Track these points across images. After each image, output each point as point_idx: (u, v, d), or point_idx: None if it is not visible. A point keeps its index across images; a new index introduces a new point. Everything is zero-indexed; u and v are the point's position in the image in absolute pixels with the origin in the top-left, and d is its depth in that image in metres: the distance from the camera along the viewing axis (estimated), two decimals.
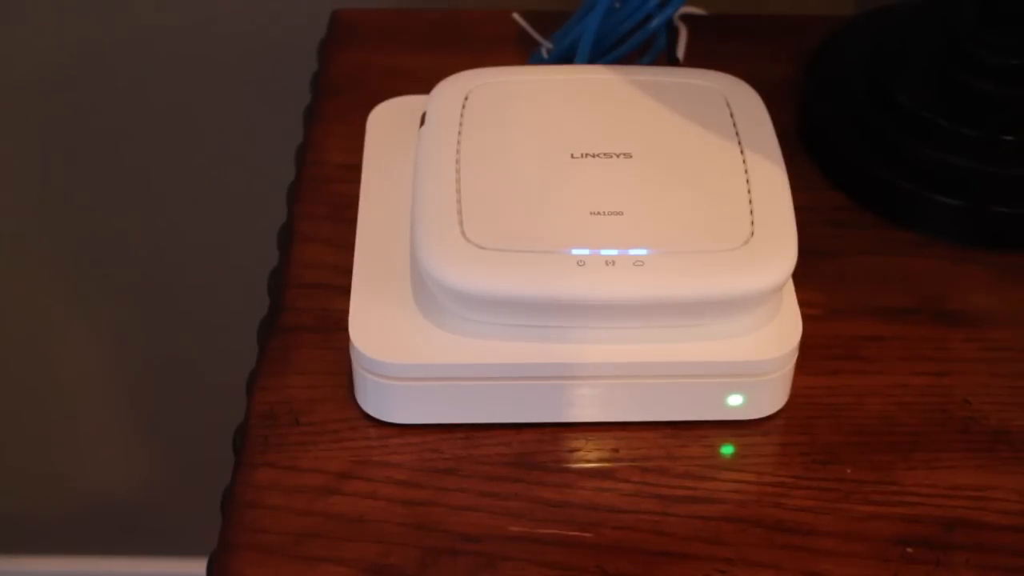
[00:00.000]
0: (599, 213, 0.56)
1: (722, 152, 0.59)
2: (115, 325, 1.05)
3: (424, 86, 0.63)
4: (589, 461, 0.56)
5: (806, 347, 0.57)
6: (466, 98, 0.61)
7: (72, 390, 1.11)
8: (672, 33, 0.72)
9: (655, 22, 0.66)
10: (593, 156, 0.58)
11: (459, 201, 0.56)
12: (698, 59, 0.70)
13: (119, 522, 1.20)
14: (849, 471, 0.56)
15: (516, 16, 0.75)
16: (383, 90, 0.69)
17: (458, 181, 0.57)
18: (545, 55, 0.71)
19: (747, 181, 0.57)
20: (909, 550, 0.54)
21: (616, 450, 0.57)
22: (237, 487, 0.55)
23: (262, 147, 0.91)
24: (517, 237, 0.55)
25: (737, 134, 0.60)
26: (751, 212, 0.56)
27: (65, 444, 1.14)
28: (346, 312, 0.57)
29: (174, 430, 1.13)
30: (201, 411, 1.09)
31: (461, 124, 0.60)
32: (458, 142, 0.59)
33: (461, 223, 0.56)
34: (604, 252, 0.55)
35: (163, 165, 0.95)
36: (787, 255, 0.56)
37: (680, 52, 0.72)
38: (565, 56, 0.69)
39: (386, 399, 0.57)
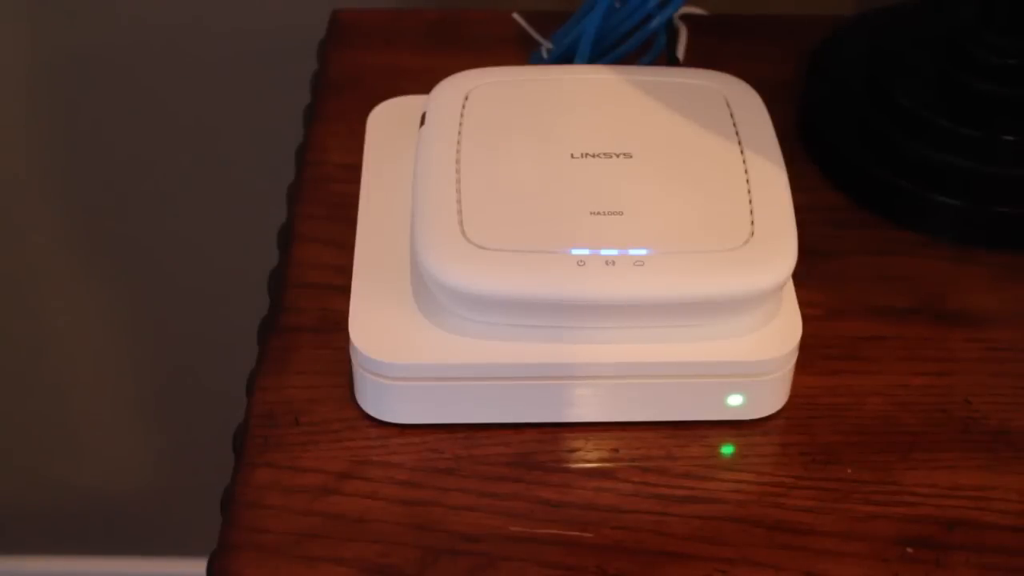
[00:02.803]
0: (599, 213, 0.56)
1: (722, 152, 0.59)
2: (114, 325, 1.05)
3: (424, 86, 0.63)
4: (589, 461, 0.56)
5: (806, 347, 0.57)
6: (466, 98, 0.61)
7: (71, 390, 1.11)
8: (672, 33, 0.72)
9: (655, 22, 0.66)
10: (593, 156, 0.58)
11: (459, 201, 0.56)
12: (698, 59, 0.70)
13: (119, 522, 1.20)
14: (849, 471, 0.56)
15: (516, 16, 0.75)
16: (383, 90, 0.69)
17: (458, 181, 0.57)
18: (545, 55, 0.71)
19: (747, 181, 0.57)
20: (909, 550, 0.54)
21: (616, 450, 0.57)
22: (237, 487, 0.55)
23: (262, 147, 0.91)
24: (517, 237, 0.55)
25: (737, 134, 0.60)
26: (751, 212, 0.56)
27: (65, 444, 1.14)
28: (346, 312, 0.57)
29: (174, 430, 1.13)
30: (201, 411, 1.09)
31: (461, 124, 0.60)
32: (458, 142, 0.59)
33: (461, 223, 0.56)
34: (604, 252, 0.55)
35: (163, 165, 0.95)
36: (787, 255, 0.56)
37: (680, 52, 0.72)
38: (565, 56, 0.69)
39: (386, 399, 0.57)
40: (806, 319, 0.57)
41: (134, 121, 0.93)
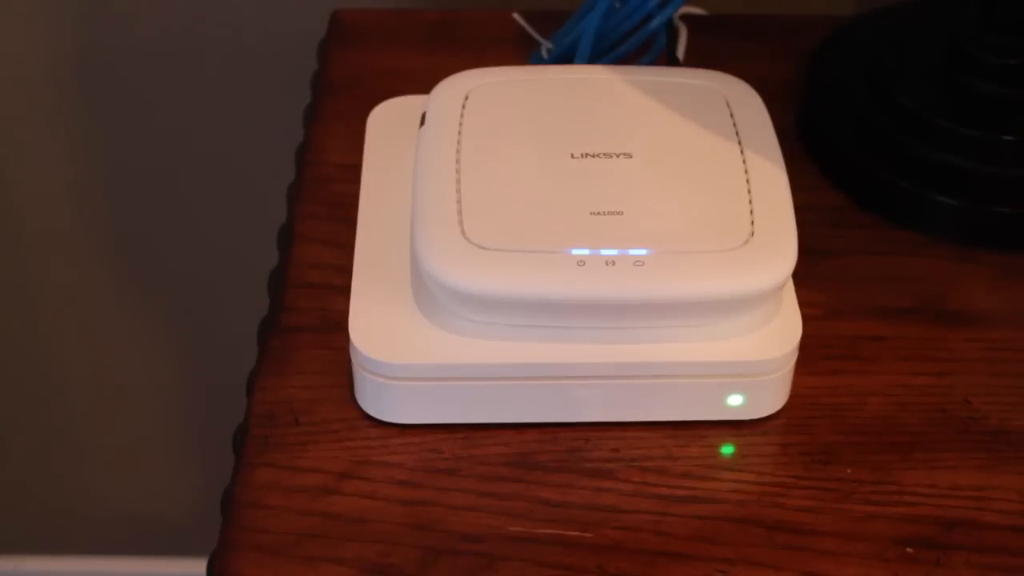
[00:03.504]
0: (599, 213, 0.56)
1: (722, 152, 0.59)
2: (114, 324, 1.05)
3: (424, 86, 0.63)
4: (589, 461, 0.56)
5: (806, 347, 0.57)
6: (466, 98, 0.61)
7: (71, 390, 1.11)
8: (672, 33, 0.72)
9: (655, 22, 0.66)
10: (593, 156, 0.58)
11: (459, 201, 0.56)
12: (698, 59, 0.70)
13: (119, 522, 1.20)
14: (849, 471, 0.56)
15: (516, 16, 0.75)
16: (383, 90, 0.69)
17: (458, 181, 0.57)
18: (545, 55, 0.71)
19: (747, 181, 0.57)
20: (909, 550, 0.54)
21: (616, 450, 0.57)
22: (237, 487, 0.55)
23: (262, 147, 0.91)
24: (517, 237, 0.55)
25: (737, 134, 0.60)
26: (751, 212, 0.56)
27: (64, 443, 1.14)
28: (346, 312, 0.57)
29: (173, 429, 1.13)
30: (201, 411, 1.09)
31: (461, 124, 0.60)
32: (458, 142, 0.59)
33: (461, 223, 0.56)
34: (604, 252, 0.55)
35: (163, 165, 0.95)
36: (787, 255, 0.56)
37: (680, 52, 0.72)
38: (565, 56, 0.69)
39: (386, 399, 0.57)
40: (806, 319, 0.57)
41: (134, 121, 0.93)
